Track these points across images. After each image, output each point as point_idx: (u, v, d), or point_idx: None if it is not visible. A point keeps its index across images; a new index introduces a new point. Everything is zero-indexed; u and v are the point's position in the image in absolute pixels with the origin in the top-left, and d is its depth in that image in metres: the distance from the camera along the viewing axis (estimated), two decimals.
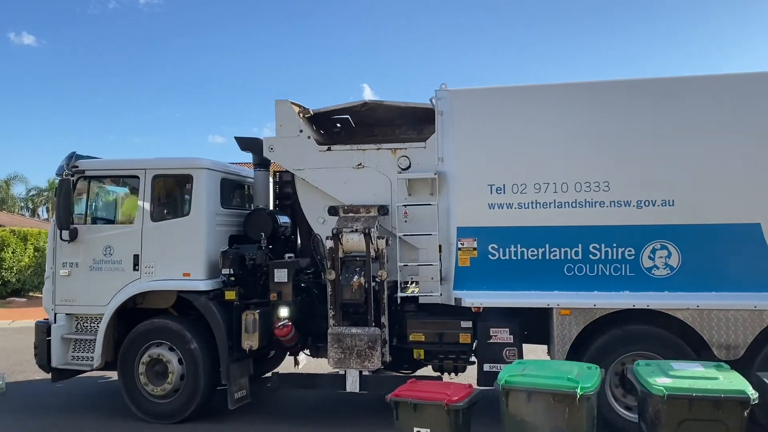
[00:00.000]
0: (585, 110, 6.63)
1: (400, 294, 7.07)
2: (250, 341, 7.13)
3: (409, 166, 7.26)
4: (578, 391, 4.28)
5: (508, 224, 6.70)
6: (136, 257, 7.41)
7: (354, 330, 6.87)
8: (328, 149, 7.51)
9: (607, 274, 6.55)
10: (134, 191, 7.72)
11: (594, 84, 6.77)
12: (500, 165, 6.74)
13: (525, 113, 6.75)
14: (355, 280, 6.84)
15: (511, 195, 6.70)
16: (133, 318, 7.51)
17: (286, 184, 8.38)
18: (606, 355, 6.40)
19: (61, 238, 7.46)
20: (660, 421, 4.29)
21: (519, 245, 6.70)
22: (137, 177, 7.54)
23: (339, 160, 7.47)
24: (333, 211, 7.26)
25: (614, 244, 6.51)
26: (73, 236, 7.46)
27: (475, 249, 6.79)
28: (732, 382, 4.51)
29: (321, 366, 8.18)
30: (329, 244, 7.06)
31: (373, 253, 6.94)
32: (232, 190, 8.21)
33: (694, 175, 6.36)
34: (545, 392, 4.40)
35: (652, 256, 6.45)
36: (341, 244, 6.96)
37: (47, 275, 7.73)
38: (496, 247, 6.74)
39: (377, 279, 6.92)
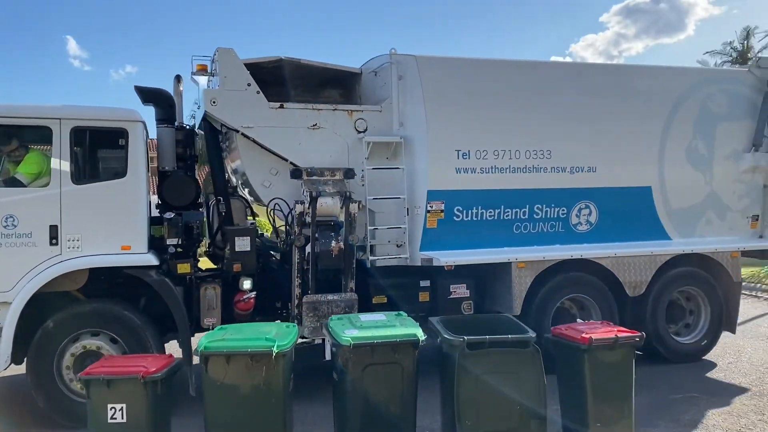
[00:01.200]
0: (535, 85, 7.43)
1: (371, 258, 7.02)
2: (212, 318, 6.36)
3: (366, 129, 7.18)
4: (274, 349, 4.42)
5: (471, 187, 7.16)
6: (53, 228, 5.88)
7: (331, 297, 6.60)
8: (281, 107, 6.97)
9: (545, 231, 7.51)
10: (38, 145, 6.07)
11: (542, 63, 7.70)
12: (466, 132, 7.13)
13: (491, 84, 7.27)
14: (334, 245, 6.57)
15: (475, 160, 7.17)
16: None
17: (178, 144, 7.44)
18: (549, 300, 7.40)
19: None
20: (348, 369, 4.63)
21: (479, 207, 7.22)
22: (48, 128, 5.95)
23: (292, 119, 7.00)
24: (296, 174, 6.78)
25: (552, 205, 7.48)
26: None
27: (442, 211, 7.10)
28: (406, 327, 4.94)
29: None
30: (300, 208, 6.61)
31: (343, 218, 6.73)
32: None
33: (609, 146, 7.66)
34: (244, 354, 4.45)
35: (578, 214, 7.60)
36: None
37: None
38: (460, 209, 7.15)
39: (351, 243, 6.75)
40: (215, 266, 7.24)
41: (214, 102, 6.72)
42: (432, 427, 5.50)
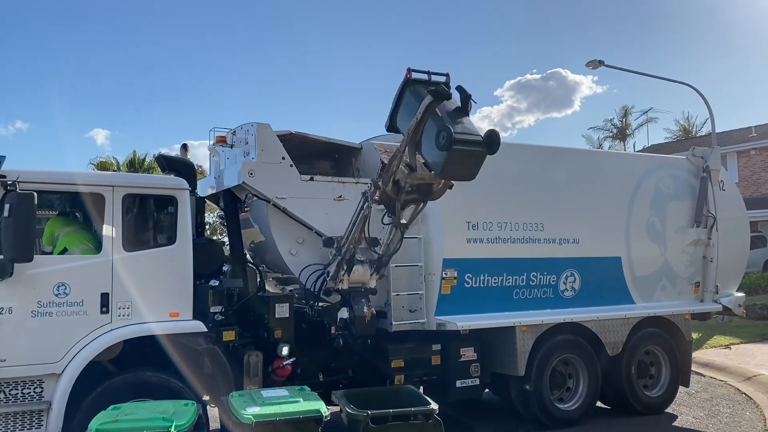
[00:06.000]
0: (530, 165, 8.34)
1: (393, 322, 7.38)
2: (253, 385, 6.41)
3: None
4: (173, 429, 4.30)
5: (479, 256, 7.81)
6: (104, 296, 5.82)
7: None
8: (311, 179, 7.35)
9: (539, 296, 8.28)
10: (88, 212, 6.02)
11: (533, 147, 8.64)
12: (475, 205, 7.80)
13: (493, 163, 7.95)
14: (366, 311, 6.88)
15: (482, 231, 7.85)
16: None
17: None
18: (547, 361, 8.08)
19: (0, 273, 5.31)
20: None
21: (486, 274, 7.87)
22: (101, 195, 5.95)
23: (320, 191, 7.39)
24: (329, 242, 7.08)
25: (545, 272, 8.28)
26: (8, 271, 5.40)
27: (455, 278, 7.66)
28: (310, 403, 4.99)
29: None
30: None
31: (373, 284, 7.09)
32: None
33: (588, 221, 8.65)
34: None
35: (565, 281, 8.44)
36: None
37: None
38: (471, 276, 7.76)
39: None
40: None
41: (251, 173, 6.98)
42: None
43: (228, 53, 72.54)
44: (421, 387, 7.61)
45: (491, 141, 5.49)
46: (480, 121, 69.64)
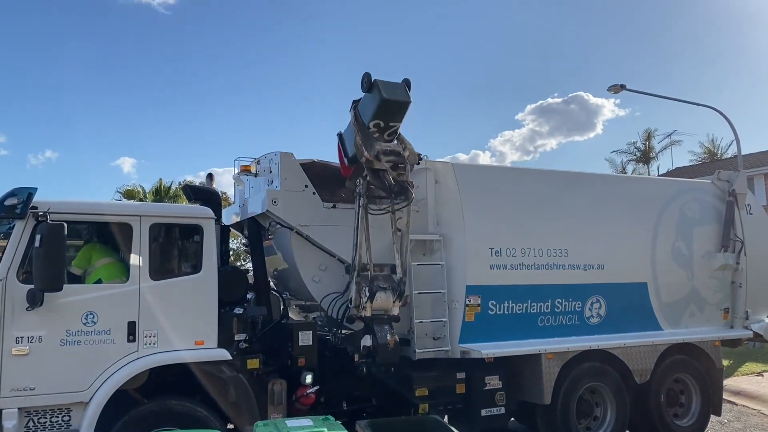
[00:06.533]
0: (553, 191, 8.32)
1: (417, 350, 7.34)
2: (277, 414, 6.41)
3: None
4: None
5: (503, 283, 7.76)
6: (131, 325, 5.89)
7: None
8: (333, 206, 7.41)
9: (564, 323, 8.17)
10: (116, 241, 6.13)
11: (556, 172, 8.60)
12: (498, 231, 7.79)
13: (516, 189, 8.07)
14: (389, 338, 6.87)
15: (505, 257, 7.80)
16: None
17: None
18: (574, 389, 7.95)
19: (31, 302, 5.42)
20: None
21: (510, 301, 7.80)
22: (129, 225, 6.06)
23: (343, 218, 7.42)
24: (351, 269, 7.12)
25: (570, 299, 8.18)
26: (38, 300, 5.50)
27: (479, 305, 7.60)
28: None
29: None
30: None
31: (396, 311, 7.10)
32: None
33: (613, 246, 8.56)
34: None
35: (591, 307, 8.33)
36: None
37: None
38: (494, 303, 7.70)
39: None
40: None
41: (275, 201, 7.06)
42: None
43: (251, 79, 73.72)
44: (446, 416, 7.55)
45: (404, 80, 6.80)
46: (502, 145, 69.70)
